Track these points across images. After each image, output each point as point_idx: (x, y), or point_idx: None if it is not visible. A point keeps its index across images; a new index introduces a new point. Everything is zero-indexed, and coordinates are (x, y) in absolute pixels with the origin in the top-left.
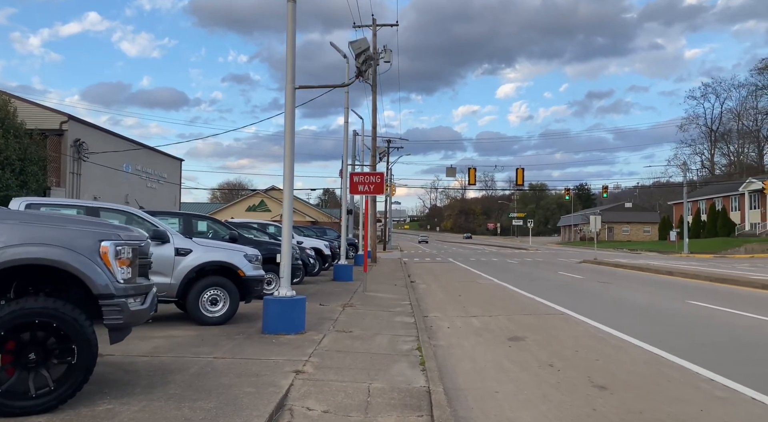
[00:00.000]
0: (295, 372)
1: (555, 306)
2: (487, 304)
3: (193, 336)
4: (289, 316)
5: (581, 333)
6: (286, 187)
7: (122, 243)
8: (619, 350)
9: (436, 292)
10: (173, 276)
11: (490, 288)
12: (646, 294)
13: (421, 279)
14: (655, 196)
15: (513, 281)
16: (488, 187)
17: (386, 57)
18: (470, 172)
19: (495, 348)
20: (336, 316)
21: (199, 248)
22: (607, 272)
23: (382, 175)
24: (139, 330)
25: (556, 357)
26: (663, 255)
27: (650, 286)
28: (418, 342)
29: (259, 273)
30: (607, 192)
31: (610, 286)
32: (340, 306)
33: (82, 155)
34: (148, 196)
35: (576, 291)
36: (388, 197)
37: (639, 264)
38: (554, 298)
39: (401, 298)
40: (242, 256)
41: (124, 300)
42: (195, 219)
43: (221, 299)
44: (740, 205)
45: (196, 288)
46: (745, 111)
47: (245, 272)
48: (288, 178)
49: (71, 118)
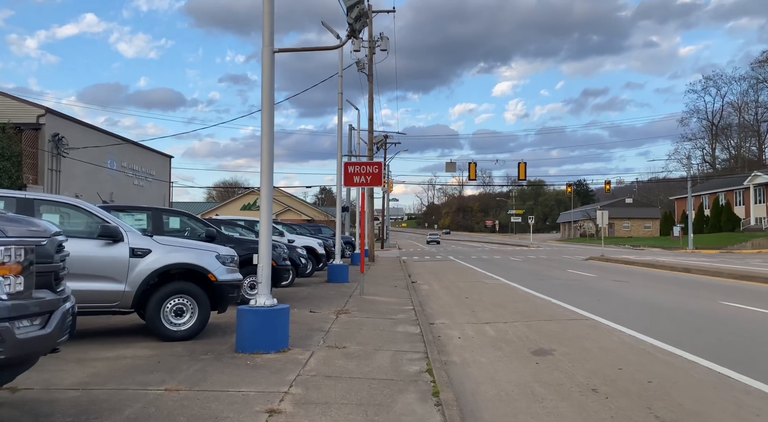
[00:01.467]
0: (268, 413)
1: (576, 309)
2: (498, 308)
3: (148, 356)
4: (269, 330)
5: (617, 345)
6: (264, 171)
7: (5, 243)
8: (671, 367)
9: (441, 294)
10: (128, 282)
11: (498, 289)
12: (671, 294)
13: (422, 280)
14: (653, 191)
15: (521, 280)
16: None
17: (383, 45)
18: (470, 167)
19: (519, 365)
20: (328, 326)
21: (160, 248)
22: (619, 270)
23: (380, 164)
24: (82, 350)
25: (598, 378)
26: (668, 251)
27: (671, 285)
28: (427, 361)
29: (234, 277)
30: (609, 187)
31: (627, 285)
32: (333, 313)
33: (61, 151)
34: (135, 193)
35: (592, 291)
36: (386, 193)
37: (650, 261)
38: (572, 300)
39: (403, 302)
40: (214, 257)
41: (8, 325)
42: (166, 215)
43: (188, 309)
44: (745, 199)
45: (156, 297)
46: (745, 104)
47: (217, 276)
48: (266, 159)
49: (49, 111)
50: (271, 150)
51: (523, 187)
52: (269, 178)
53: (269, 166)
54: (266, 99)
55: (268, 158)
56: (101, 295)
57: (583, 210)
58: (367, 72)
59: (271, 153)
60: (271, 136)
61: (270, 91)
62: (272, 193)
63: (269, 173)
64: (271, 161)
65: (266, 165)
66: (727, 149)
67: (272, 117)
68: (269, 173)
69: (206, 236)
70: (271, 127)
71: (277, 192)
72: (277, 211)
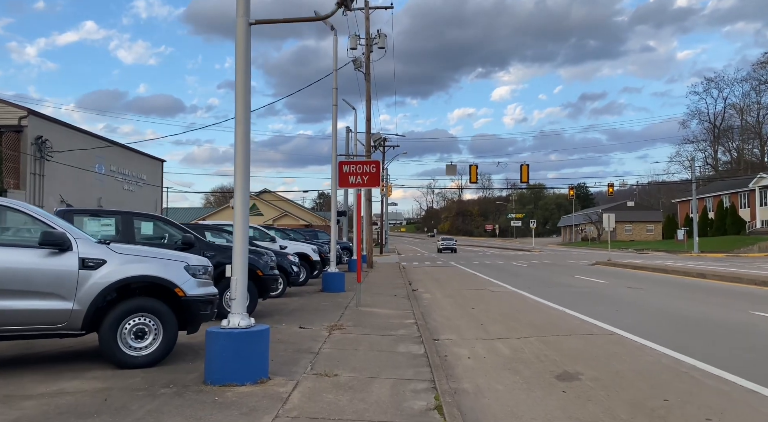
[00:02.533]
0: None
1: (594, 321)
2: (508, 319)
3: (96, 391)
4: (244, 357)
5: (653, 367)
6: (239, 164)
7: None
8: (728, 399)
9: (444, 304)
10: (77, 299)
11: (505, 298)
12: (694, 303)
13: (423, 287)
14: (654, 194)
15: (529, 288)
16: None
17: (380, 43)
18: (471, 169)
19: (543, 394)
20: (318, 347)
21: (117, 258)
22: (629, 275)
23: (378, 163)
24: (17, 382)
25: (643, 414)
26: (673, 255)
27: (690, 292)
28: (435, 394)
29: (207, 292)
30: (612, 190)
31: (643, 293)
32: (326, 328)
33: (45, 154)
34: (125, 198)
35: (608, 299)
36: (385, 197)
37: (659, 266)
38: (587, 310)
39: (403, 315)
40: (182, 268)
41: None
42: (138, 220)
43: (151, 330)
44: (750, 201)
45: (112, 316)
46: (747, 107)
47: (186, 290)
48: (241, 150)
49: (32, 113)
50: (246, 137)
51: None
52: (245, 172)
53: (244, 157)
54: (241, 79)
55: (243, 148)
56: (43, 315)
57: (585, 213)
58: (364, 71)
59: (247, 141)
60: (247, 121)
61: (245, 69)
62: (248, 191)
63: (244, 166)
64: (247, 152)
65: (241, 157)
66: (728, 151)
67: (248, 100)
68: (244, 166)
69: (183, 243)
70: (247, 110)
71: (274, 196)
72: (274, 215)
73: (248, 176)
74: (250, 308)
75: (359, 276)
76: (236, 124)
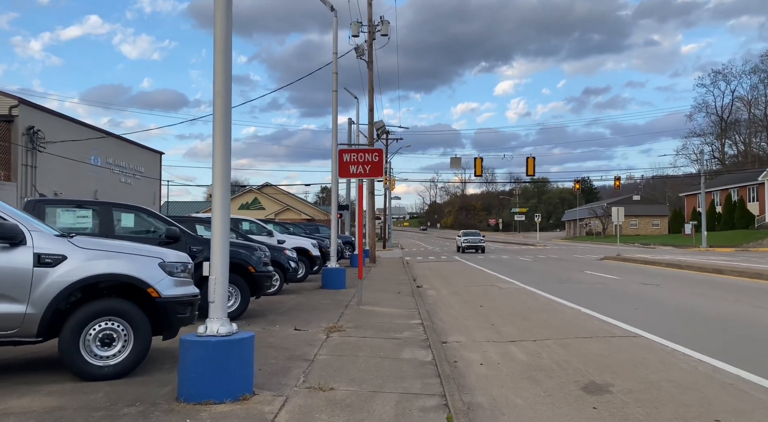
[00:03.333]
0: None
1: (614, 321)
2: (521, 319)
3: (47, 411)
4: (223, 370)
5: (693, 377)
6: (218, 143)
7: None
8: None
9: (451, 302)
10: (31, 300)
11: (515, 295)
12: (719, 301)
13: (428, 284)
14: (659, 188)
15: (539, 284)
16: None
17: (383, 29)
18: (476, 162)
19: (570, 411)
20: (314, 352)
21: (80, 253)
22: (642, 271)
23: (381, 151)
24: None
25: None
26: (680, 249)
27: (710, 289)
28: (448, 413)
29: (185, 292)
30: (619, 183)
31: (660, 290)
32: (323, 330)
33: (37, 145)
34: (122, 191)
35: (623, 297)
36: (388, 190)
37: (671, 261)
38: (604, 308)
39: (408, 314)
40: (157, 265)
41: None
42: (118, 211)
43: (119, 337)
44: (759, 195)
45: (74, 320)
46: (754, 99)
47: (160, 290)
48: (221, 126)
49: (23, 102)
50: (227, 112)
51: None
52: (224, 153)
53: (224, 136)
54: (220, 41)
55: (223, 125)
56: None
57: (589, 207)
58: (366, 59)
59: (228, 117)
60: (228, 93)
61: (225, 29)
62: (229, 175)
63: (224, 146)
64: (228, 129)
65: (221, 135)
66: (735, 145)
67: (228, 67)
68: (224, 146)
69: (167, 237)
70: (228, 80)
71: (276, 190)
72: (276, 210)
73: (229, 158)
74: (241, 308)
75: (360, 272)
76: (215, 97)
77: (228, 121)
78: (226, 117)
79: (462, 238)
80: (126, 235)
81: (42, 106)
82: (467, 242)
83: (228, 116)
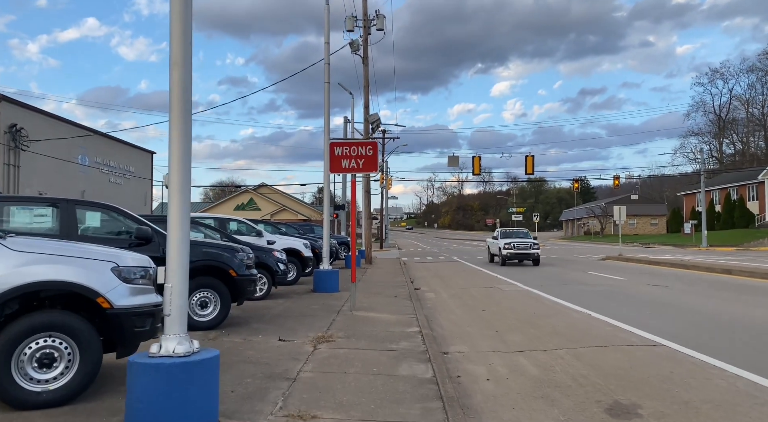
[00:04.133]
0: None
1: (629, 327)
2: (527, 325)
3: None
4: (181, 399)
5: (731, 395)
6: (175, 119)
7: None
8: None
9: (451, 305)
10: None
11: (518, 298)
12: (737, 304)
13: (427, 286)
14: (656, 187)
15: (542, 286)
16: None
17: (379, 24)
18: (474, 161)
19: None
20: (298, 369)
21: (12, 257)
22: (646, 271)
23: (375, 144)
24: None
25: None
26: (681, 249)
27: (724, 290)
28: None
29: (144, 301)
30: (618, 182)
31: (669, 292)
32: (310, 341)
33: (20, 143)
34: (112, 191)
35: (633, 299)
36: (384, 190)
37: (675, 261)
38: (614, 312)
39: (405, 320)
40: (109, 270)
41: None
42: (83, 209)
43: (62, 356)
44: (759, 194)
45: (4, 337)
46: (752, 98)
47: (112, 301)
48: (178, 100)
49: (5, 99)
50: (186, 85)
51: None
52: (183, 132)
53: (183, 111)
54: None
55: (181, 98)
56: None
57: (587, 207)
58: (361, 54)
59: (187, 90)
60: (187, 63)
61: None
62: (189, 159)
63: (183, 123)
64: (187, 103)
65: (178, 111)
66: (732, 144)
67: (188, 31)
68: (183, 123)
69: (137, 237)
70: (187, 46)
71: (272, 191)
72: (272, 210)
73: (189, 139)
74: (221, 316)
75: (354, 275)
76: (171, 68)
77: (188, 96)
78: (185, 91)
79: (502, 242)
80: (92, 236)
81: (25, 104)
82: (514, 248)
83: (188, 90)
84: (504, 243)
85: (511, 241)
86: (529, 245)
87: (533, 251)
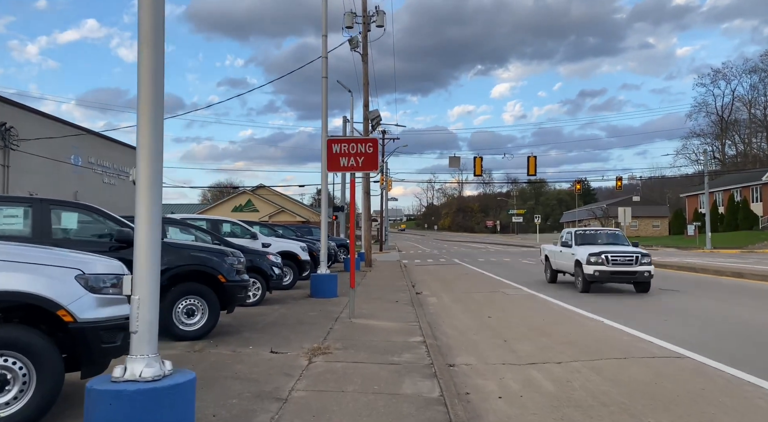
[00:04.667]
0: None
1: (647, 336)
2: (537, 334)
3: None
4: None
5: None
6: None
7: None
8: None
9: (454, 311)
10: None
11: (525, 303)
12: (758, 311)
13: (428, 290)
14: (656, 188)
15: (549, 290)
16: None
17: (378, 20)
18: (476, 161)
19: None
20: (290, 387)
21: None
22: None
23: (375, 141)
24: None
25: None
26: (684, 251)
27: (740, 295)
28: None
29: (113, 313)
30: (621, 184)
31: (683, 297)
32: (305, 353)
33: (9, 143)
34: (105, 192)
35: (646, 305)
36: (384, 191)
37: (682, 263)
38: (629, 320)
39: (407, 329)
40: (73, 278)
41: None
42: (59, 210)
43: (16, 378)
44: (763, 195)
45: None
46: (754, 99)
47: (76, 313)
48: (147, 82)
49: None
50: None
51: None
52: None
53: (153, 95)
54: None
55: (151, 79)
56: None
57: (588, 208)
58: (361, 51)
59: (159, 70)
60: (159, 41)
61: None
62: (161, 153)
63: (153, 110)
64: (159, 87)
65: (147, 94)
66: (735, 145)
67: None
68: (153, 110)
69: (117, 240)
70: (157, 21)
71: (270, 192)
72: (270, 212)
73: (161, 126)
74: (209, 325)
75: (353, 280)
76: (140, 48)
77: (159, 80)
78: (157, 74)
79: (582, 251)
80: (67, 239)
81: (15, 102)
82: (607, 262)
83: (160, 73)
84: (588, 255)
85: (601, 251)
86: (634, 257)
87: (642, 268)
